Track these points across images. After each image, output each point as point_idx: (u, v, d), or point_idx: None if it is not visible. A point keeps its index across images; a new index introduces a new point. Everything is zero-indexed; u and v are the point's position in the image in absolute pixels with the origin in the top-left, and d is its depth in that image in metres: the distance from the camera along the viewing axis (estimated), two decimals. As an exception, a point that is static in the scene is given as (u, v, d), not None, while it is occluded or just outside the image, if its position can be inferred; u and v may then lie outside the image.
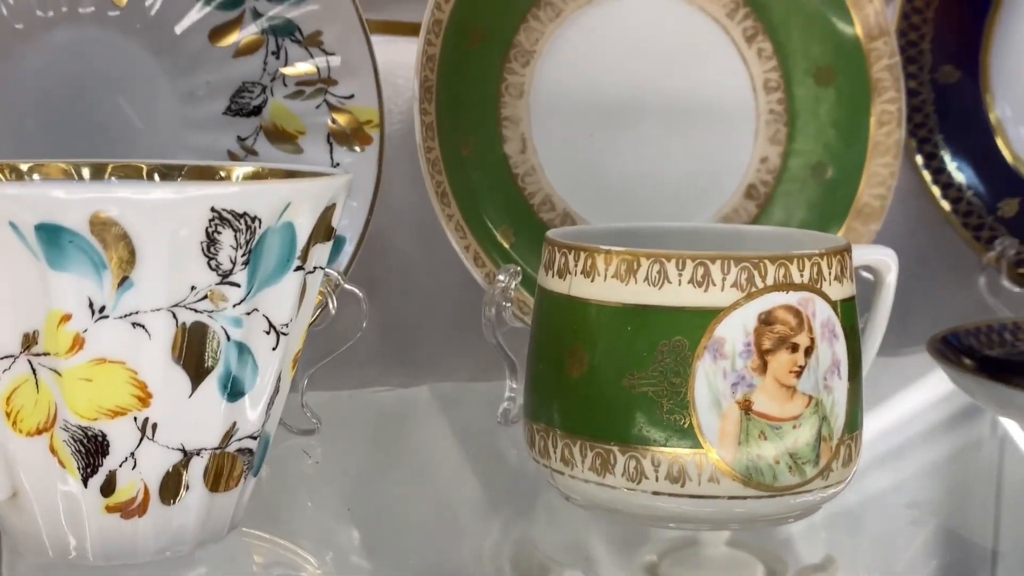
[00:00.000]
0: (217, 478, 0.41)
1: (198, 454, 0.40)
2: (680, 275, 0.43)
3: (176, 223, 0.36)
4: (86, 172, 0.48)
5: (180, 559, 0.41)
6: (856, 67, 0.65)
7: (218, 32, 0.56)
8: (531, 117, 0.62)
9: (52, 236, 0.35)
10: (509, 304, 0.58)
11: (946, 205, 0.74)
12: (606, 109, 0.64)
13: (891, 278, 0.50)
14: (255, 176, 0.47)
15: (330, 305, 0.56)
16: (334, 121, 0.58)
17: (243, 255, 0.38)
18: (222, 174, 0.48)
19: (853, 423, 0.45)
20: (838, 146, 0.66)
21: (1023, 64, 0.74)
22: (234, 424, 0.40)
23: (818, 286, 0.44)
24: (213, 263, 0.37)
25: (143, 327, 0.37)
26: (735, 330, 0.42)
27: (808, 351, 0.43)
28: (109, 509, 0.39)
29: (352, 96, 0.58)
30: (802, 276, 0.43)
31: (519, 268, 0.58)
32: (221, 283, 0.38)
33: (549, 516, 0.50)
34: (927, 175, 0.74)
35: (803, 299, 0.43)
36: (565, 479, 0.45)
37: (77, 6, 0.53)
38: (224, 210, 0.37)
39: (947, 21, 0.75)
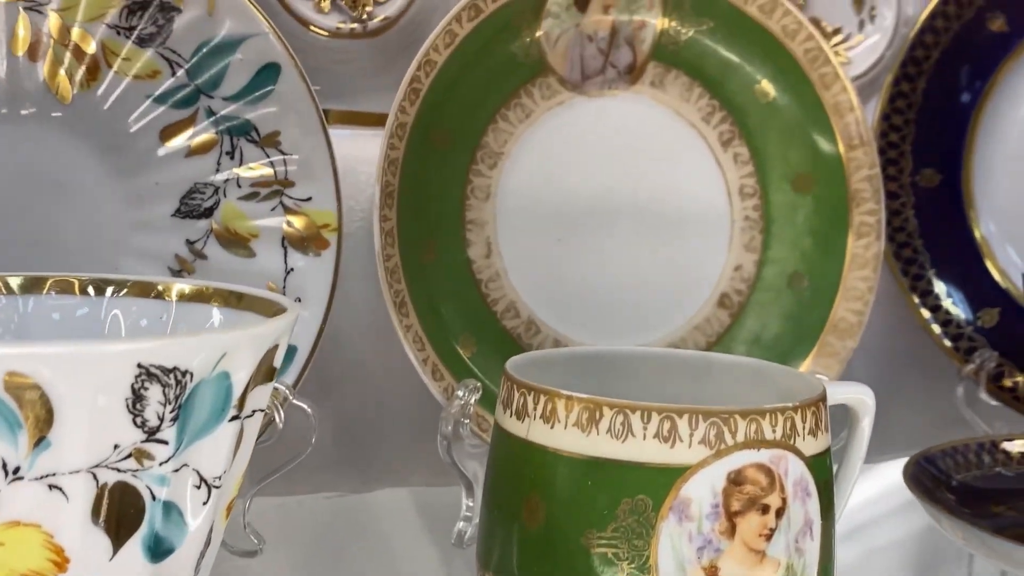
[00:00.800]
0: (140, 643, 0.37)
1: (119, 619, 0.37)
2: (645, 428, 0.40)
3: (99, 381, 0.33)
4: (15, 283, 0.45)
5: None
6: (835, 176, 0.63)
7: (170, 131, 0.54)
8: (497, 220, 0.60)
9: (-39, 394, 0.32)
10: (467, 421, 0.55)
11: (925, 313, 0.72)
12: (576, 213, 0.61)
13: (867, 421, 0.48)
14: (197, 295, 0.45)
15: (277, 420, 0.53)
16: (290, 224, 0.55)
17: (172, 411, 0.35)
18: (159, 288, 0.45)
19: (825, 584, 0.43)
20: (815, 256, 0.63)
21: (1006, 173, 0.72)
22: (159, 584, 0.37)
23: (791, 442, 0.41)
24: (138, 420, 0.34)
25: (60, 489, 0.34)
26: (703, 490, 0.40)
27: (780, 512, 0.41)
28: None
29: (310, 199, 0.55)
30: (774, 432, 0.41)
31: (479, 384, 0.55)
32: (147, 440, 0.35)
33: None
34: (905, 281, 0.72)
35: (775, 456, 0.41)
36: (517, 636, 0.42)
37: (19, 107, 0.51)
38: (152, 365, 0.34)
39: (928, 124, 0.73)
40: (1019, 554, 0.51)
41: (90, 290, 0.46)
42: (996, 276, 0.72)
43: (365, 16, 0.62)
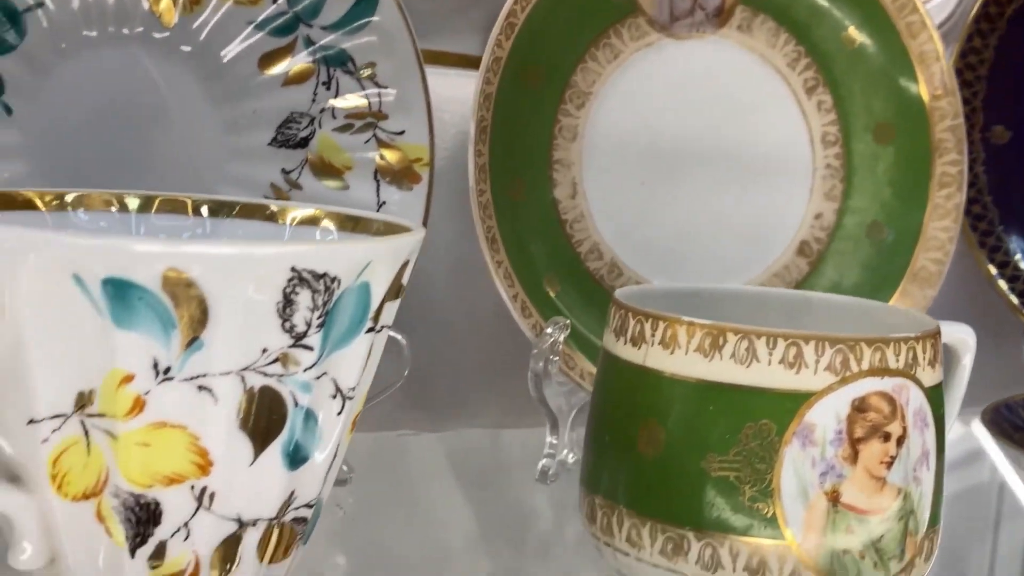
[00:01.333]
0: (271, 549, 0.38)
1: (254, 525, 0.37)
2: (770, 354, 0.40)
3: (254, 283, 0.33)
4: (132, 203, 0.45)
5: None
6: (918, 126, 0.63)
7: (268, 59, 0.53)
8: (583, 161, 0.60)
9: (120, 292, 0.32)
10: (556, 358, 0.55)
11: (992, 269, 0.72)
12: (660, 156, 0.61)
13: (968, 359, 0.48)
14: (312, 219, 0.45)
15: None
16: (382, 157, 0.55)
17: (319, 317, 0.35)
18: (273, 210, 0.45)
19: (936, 516, 0.43)
20: (895, 206, 0.64)
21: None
22: (292, 493, 0.37)
23: (913, 372, 0.41)
24: (287, 325, 0.35)
25: (209, 391, 0.34)
26: (827, 416, 0.40)
27: (900, 441, 0.41)
28: (155, 582, 0.36)
29: (403, 132, 0.55)
30: (898, 361, 0.41)
31: (568, 322, 0.56)
32: (294, 346, 0.35)
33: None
34: (974, 236, 0.72)
35: (897, 385, 0.41)
36: (629, 560, 0.42)
37: (123, 26, 0.50)
38: (304, 270, 0.34)
39: (1001, 80, 0.73)
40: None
41: (203, 210, 0.46)
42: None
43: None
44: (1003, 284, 0.72)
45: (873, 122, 0.63)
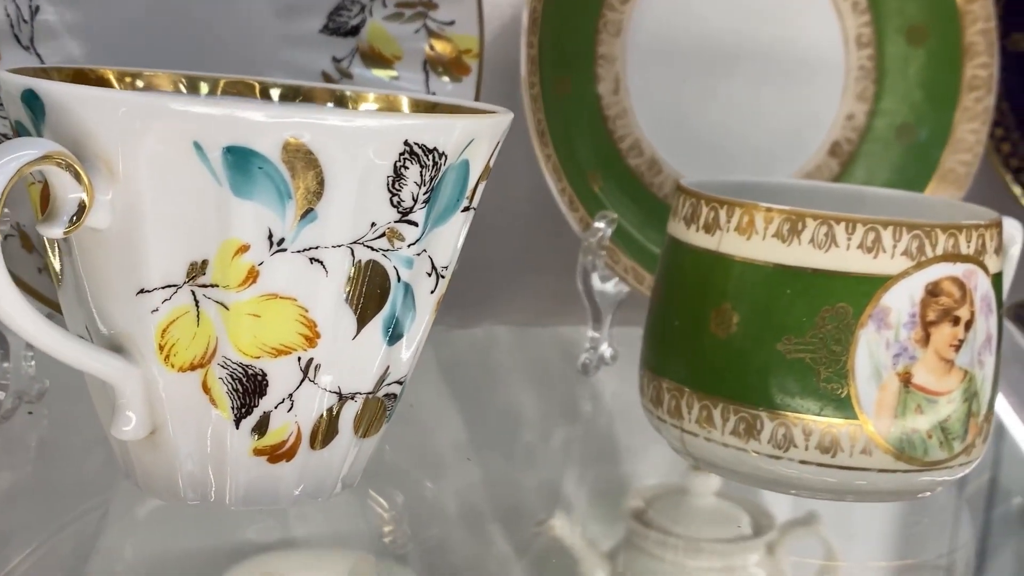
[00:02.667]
0: (365, 423, 0.38)
1: (352, 398, 0.37)
2: (849, 238, 0.41)
3: (370, 154, 0.34)
4: (201, 87, 0.45)
5: (316, 505, 0.39)
6: (950, 28, 0.64)
7: (320, -56, 0.53)
8: (627, 57, 0.60)
9: (241, 160, 0.32)
10: (604, 252, 0.56)
11: (1007, 175, 0.73)
12: (701, 55, 0.61)
13: (1015, 251, 0.49)
14: (387, 103, 0.44)
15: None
16: (432, 48, 0.55)
17: (425, 192, 0.35)
18: (347, 95, 0.45)
19: (993, 400, 0.44)
20: (925, 108, 0.64)
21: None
22: (387, 368, 0.38)
23: (981, 258, 0.42)
24: (395, 199, 0.35)
25: (321, 263, 0.34)
26: (901, 300, 0.41)
27: (968, 325, 0.42)
28: (257, 452, 0.37)
29: (453, 23, 0.55)
30: (969, 247, 0.42)
31: (615, 216, 0.56)
32: (400, 221, 0.35)
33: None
34: (991, 143, 0.73)
35: (968, 271, 0.42)
36: (698, 441, 0.44)
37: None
38: (416, 144, 0.34)
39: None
40: None
41: (272, 93, 0.45)
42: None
43: None
44: (1018, 189, 0.73)
45: (906, 24, 0.64)
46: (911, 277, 0.41)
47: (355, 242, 0.35)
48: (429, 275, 0.38)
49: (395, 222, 0.35)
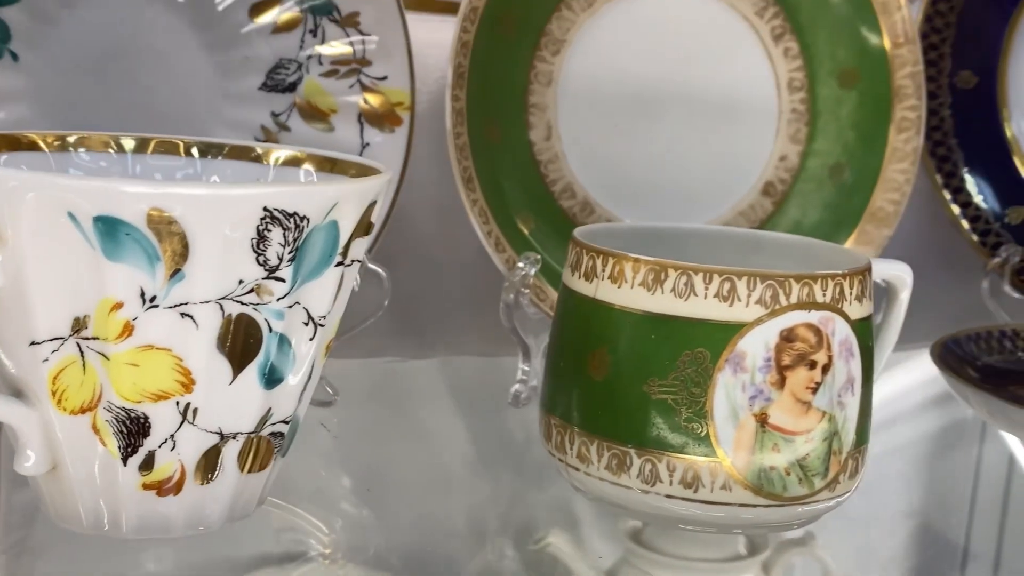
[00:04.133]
0: (250, 460, 0.42)
1: (234, 437, 0.41)
2: (707, 288, 0.44)
3: (230, 221, 0.37)
4: (128, 145, 0.49)
5: (208, 534, 0.43)
6: (879, 72, 0.66)
7: (258, 8, 0.57)
8: (558, 105, 0.63)
9: (109, 228, 0.36)
10: (527, 291, 0.59)
11: (955, 209, 0.75)
12: (632, 100, 0.65)
13: (905, 295, 0.52)
14: (293, 160, 0.48)
15: (354, 282, 0.57)
16: (366, 101, 0.59)
17: (290, 252, 0.39)
18: (258, 152, 0.49)
19: (862, 437, 0.47)
20: (857, 149, 0.67)
21: (1041, 76, 0.75)
22: (269, 410, 0.42)
23: (839, 306, 0.45)
24: (261, 259, 0.39)
25: (191, 317, 0.38)
26: (757, 345, 0.44)
27: (825, 368, 0.45)
28: (146, 487, 0.41)
29: (385, 78, 0.59)
30: (824, 296, 0.45)
31: (539, 256, 0.59)
32: (268, 278, 0.39)
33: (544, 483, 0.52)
34: (939, 178, 0.75)
35: (824, 318, 0.45)
36: (580, 475, 0.47)
37: (122, -23, 0.54)
38: (276, 209, 0.38)
39: (969, 26, 0.75)
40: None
41: (194, 151, 0.49)
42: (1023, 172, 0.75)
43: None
44: (965, 224, 0.75)
45: (838, 68, 0.67)
46: (765, 324, 0.44)
47: (224, 297, 0.38)
48: (306, 324, 0.41)
49: (262, 279, 0.39)
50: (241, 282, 0.39)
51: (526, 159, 0.63)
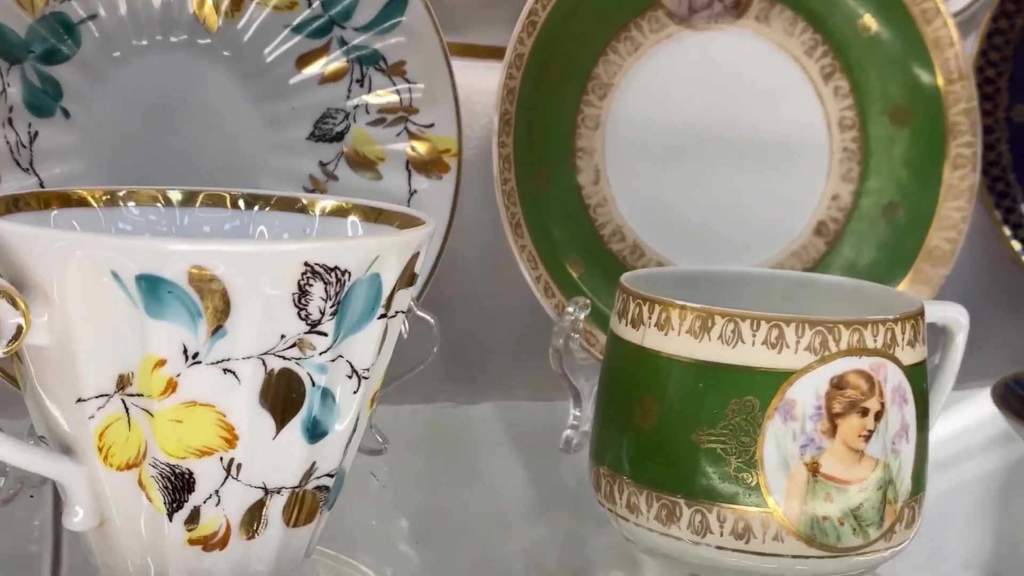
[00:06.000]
0: (295, 514, 0.42)
1: (279, 492, 0.41)
2: (754, 335, 0.43)
3: (271, 277, 0.37)
4: (175, 198, 0.49)
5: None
6: (933, 109, 0.65)
7: (305, 59, 0.57)
8: (606, 149, 0.63)
9: (151, 286, 0.37)
10: (577, 335, 0.58)
11: (1016, 245, 0.74)
12: (681, 142, 0.64)
13: (961, 338, 0.51)
14: (338, 211, 0.48)
15: (403, 330, 0.57)
16: (413, 149, 0.59)
17: (332, 306, 0.39)
18: (304, 203, 0.49)
19: (918, 485, 0.46)
20: (911, 187, 0.66)
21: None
22: (314, 464, 0.41)
23: (891, 351, 0.44)
24: (303, 313, 0.39)
25: (233, 373, 0.38)
26: (806, 393, 0.43)
27: (878, 416, 0.44)
28: (191, 542, 0.41)
29: (432, 125, 0.59)
30: (875, 341, 0.44)
31: (588, 301, 0.59)
32: (309, 332, 0.39)
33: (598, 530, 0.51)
34: (998, 214, 0.74)
35: (875, 364, 0.44)
36: (629, 525, 0.46)
37: (170, 34, 0.55)
38: (316, 264, 0.38)
39: (1027, 59, 0.74)
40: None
41: (240, 203, 0.50)
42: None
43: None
44: (1025, 261, 0.74)
45: (890, 105, 0.66)
46: (815, 371, 0.43)
47: (265, 353, 0.39)
48: (350, 377, 0.41)
49: (304, 333, 0.39)
50: (283, 337, 0.39)
51: (574, 203, 0.63)
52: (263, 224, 0.50)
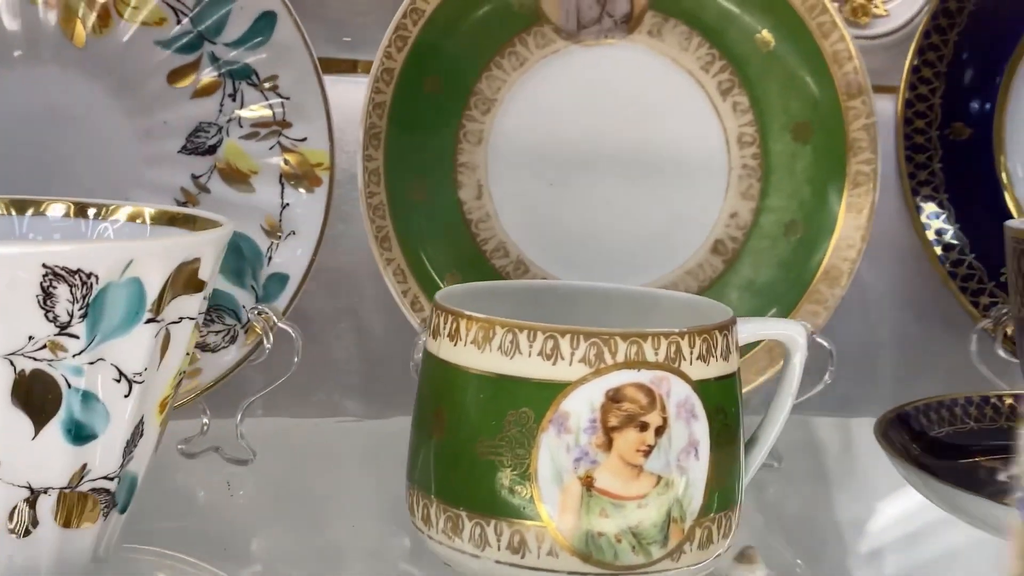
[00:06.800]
0: (69, 515, 0.42)
1: (45, 492, 0.42)
2: (531, 346, 0.43)
3: (7, 279, 0.38)
4: (29, 208, 0.51)
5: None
6: (833, 125, 0.63)
7: (177, 74, 0.58)
8: (489, 164, 0.63)
9: None
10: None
11: (947, 267, 0.71)
12: (568, 158, 0.64)
13: (798, 357, 0.49)
14: (136, 216, 0.50)
15: (265, 342, 0.58)
16: (286, 162, 0.60)
17: (80, 309, 0.40)
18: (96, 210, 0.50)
19: (721, 503, 0.44)
20: (813, 205, 0.64)
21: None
22: (84, 466, 0.42)
23: (675, 365, 0.43)
24: (50, 315, 0.39)
25: (-18, 372, 0.39)
26: (581, 405, 0.42)
27: (659, 431, 0.43)
28: (-39, 537, 0.41)
29: (305, 139, 0.59)
30: (656, 355, 0.43)
31: (455, 315, 0.59)
32: (60, 334, 0.40)
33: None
34: (929, 235, 0.72)
35: (657, 378, 0.43)
36: (425, 538, 0.46)
37: (40, 47, 0.56)
38: (57, 267, 0.39)
39: (961, 76, 0.72)
40: (961, 500, 0.51)
41: (89, 212, 0.51)
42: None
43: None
44: (956, 283, 0.71)
45: (792, 122, 0.64)
46: (590, 383, 0.42)
47: (13, 353, 0.39)
48: (117, 381, 0.42)
49: (55, 335, 0.40)
50: (31, 338, 0.39)
51: (455, 218, 0.62)
52: (34, 231, 0.51)
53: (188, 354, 0.45)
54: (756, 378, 0.62)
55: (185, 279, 0.42)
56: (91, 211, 0.51)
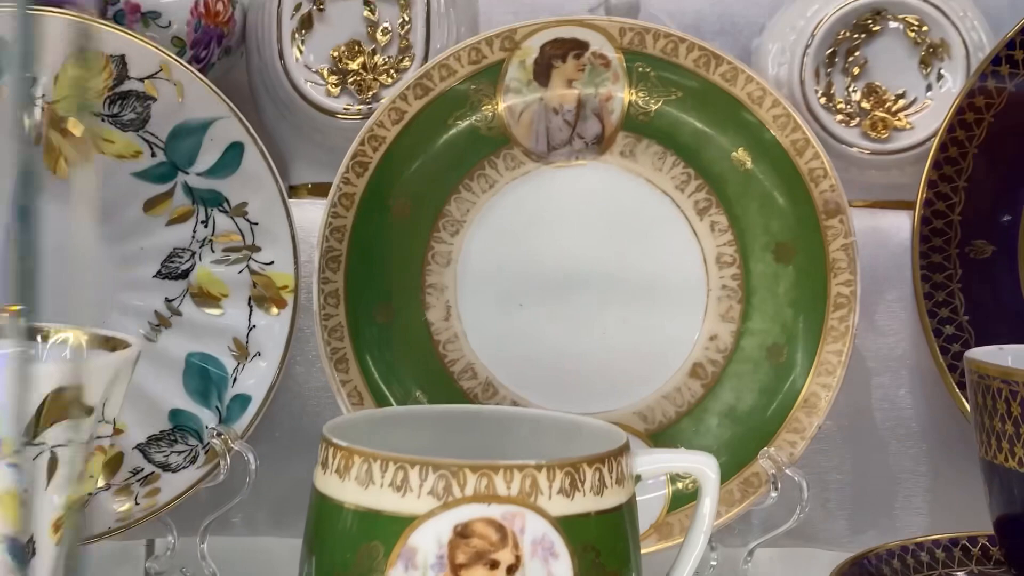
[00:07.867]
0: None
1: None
2: (383, 477, 0.42)
3: None
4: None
5: None
6: (814, 245, 0.61)
7: (152, 203, 0.61)
8: (458, 285, 0.63)
9: None
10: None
11: (962, 394, 0.67)
12: (540, 278, 0.63)
13: (709, 489, 0.47)
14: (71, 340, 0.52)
15: (222, 463, 0.59)
16: (255, 285, 0.61)
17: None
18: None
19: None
20: (795, 328, 0.62)
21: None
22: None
23: (531, 500, 0.42)
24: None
25: None
26: (428, 540, 0.41)
27: (511, 569, 0.41)
28: None
29: (272, 262, 0.61)
30: (509, 489, 0.42)
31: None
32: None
33: None
34: (945, 360, 0.67)
35: (508, 513, 0.41)
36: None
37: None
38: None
39: (982, 191, 0.68)
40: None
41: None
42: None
43: (371, 99, 0.68)
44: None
45: (773, 242, 0.62)
46: (438, 517, 0.41)
47: None
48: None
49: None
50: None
51: (422, 339, 0.63)
52: None
53: (92, 476, 0.47)
54: (729, 510, 0.60)
55: (62, 407, 0.44)
56: (39, 336, 0.53)
